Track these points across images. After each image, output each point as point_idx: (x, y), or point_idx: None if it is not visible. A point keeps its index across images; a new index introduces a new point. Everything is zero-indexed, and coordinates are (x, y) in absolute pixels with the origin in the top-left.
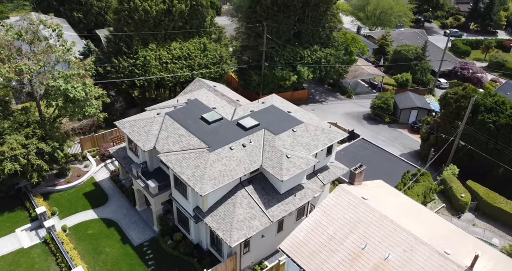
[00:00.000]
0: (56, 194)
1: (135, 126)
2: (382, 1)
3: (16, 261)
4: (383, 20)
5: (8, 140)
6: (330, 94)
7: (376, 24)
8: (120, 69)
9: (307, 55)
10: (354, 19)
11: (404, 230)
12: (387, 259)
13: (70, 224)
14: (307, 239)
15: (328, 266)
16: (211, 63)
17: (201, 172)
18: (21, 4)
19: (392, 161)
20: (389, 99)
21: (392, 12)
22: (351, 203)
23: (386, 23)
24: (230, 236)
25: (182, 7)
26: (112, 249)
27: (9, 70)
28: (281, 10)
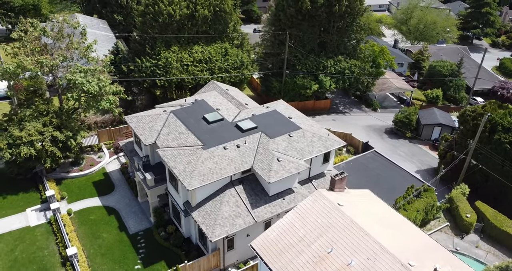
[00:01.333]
0: (68, 180)
1: (141, 121)
2: (425, 16)
3: (21, 237)
4: (426, 35)
5: (27, 126)
6: (355, 106)
7: (418, 38)
8: (142, 68)
9: (331, 65)
10: (396, 32)
11: (371, 238)
12: (349, 265)
13: (76, 209)
14: (278, 239)
15: (292, 266)
16: (231, 67)
17: (192, 167)
18: (69, 5)
19: (401, 175)
20: (411, 114)
21: (435, 27)
22: (326, 208)
23: (428, 38)
24: (213, 231)
25: (205, 12)
26: (109, 235)
27: (31, 62)
28: (306, 19)
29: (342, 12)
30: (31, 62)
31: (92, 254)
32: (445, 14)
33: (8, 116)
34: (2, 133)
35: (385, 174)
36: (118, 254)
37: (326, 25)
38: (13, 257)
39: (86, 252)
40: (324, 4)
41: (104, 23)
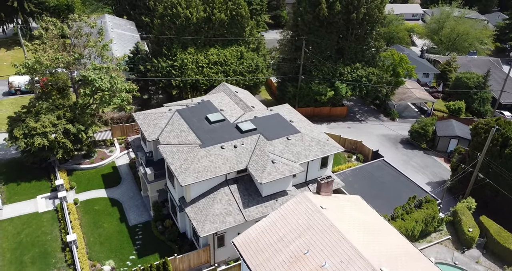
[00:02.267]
0: (79, 171)
1: (147, 118)
2: (458, 26)
3: (28, 222)
4: (458, 45)
5: (42, 118)
6: (373, 115)
7: (450, 49)
8: (158, 69)
9: (347, 72)
10: (428, 42)
11: (348, 242)
12: (323, 266)
13: (82, 199)
14: (259, 237)
15: (269, 264)
16: (246, 71)
17: (188, 164)
18: (101, 7)
19: (406, 186)
20: (428, 125)
21: (467, 38)
22: (308, 210)
23: (460, 48)
24: (202, 227)
25: (222, 16)
26: (109, 225)
27: (48, 58)
28: (324, 26)
29: (360, 20)
30: (47, 58)
31: (92, 242)
32: (482, 25)
33: (26, 108)
34: (19, 124)
35: (390, 183)
36: (116, 244)
37: (344, 32)
38: (18, 240)
39: (86, 240)
40: (341, 11)
41: (131, 24)
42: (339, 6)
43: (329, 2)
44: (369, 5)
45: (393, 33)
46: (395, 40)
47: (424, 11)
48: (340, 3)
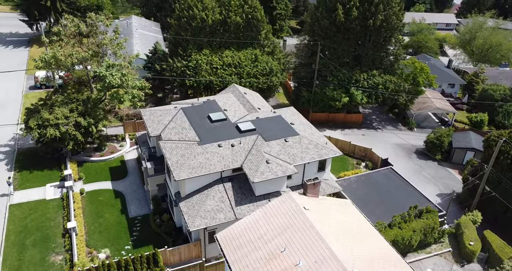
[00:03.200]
0: (89, 163)
1: (153, 115)
2: (491, 37)
3: (35, 208)
4: (490, 57)
5: (56, 111)
6: (390, 124)
7: (481, 60)
8: (173, 68)
9: (363, 79)
10: (459, 52)
11: (324, 243)
12: (297, 265)
13: (88, 189)
14: (241, 233)
15: (246, 260)
16: (260, 74)
17: (184, 160)
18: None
19: (411, 195)
20: (443, 136)
21: (500, 49)
22: (290, 209)
23: (492, 60)
24: (193, 222)
25: (237, 19)
26: (110, 215)
27: (63, 54)
28: (341, 31)
29: (378, 26)
30: (63, 54)
31: (92, 231)
32: None
33: (43, 101)
34: (35, 115)
35: (395, 192)
36: (114, 234)
37: (362, 38)
38: (24, 224)
39: (87, 228)
40: (358, 18)
41: (157, 25)
42: (356, 12)
43: (345, 8)
44: (387, 12)
45: (422, 42)
46: (423, 49)
47: (459, 21)
48: (357, 9)
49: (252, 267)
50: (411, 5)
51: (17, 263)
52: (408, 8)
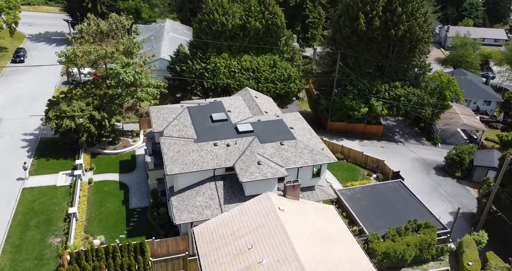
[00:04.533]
0: (102, 155)
1: (160, 112)
2: None
3: (44, 193)
4: None
5: (73, 103)
6: (414, 137)
7: None
8: (193, 70)
9: (385, 90)
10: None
11: (290, 244)
12: (260, 263)
13: (96, 179)
14: (216, 228)
15: (216, 254)
16: (278, 79)
17: (178, 156)
18: (167, 12)
19: (416, 209)
20: (464, 153)
21: None
22: (265, 209)
23: None
24: (180, 216)
25: (257, 24)
26: (112, 205)
27: (81, 50)
28: (364, 41)
29: (401, 37)
30: (81, 50)
31: (92, 218)
32: None
33: (64, 94)
34: (55, 106)
35: (400, 205)
36: (112, 222)
37: (385, 48)
38: (31, 206)
39: (88, 215)
40: (380, 27)
41: (189, 29)
42: (378, 21)
43: (368, 17)
44: (410, 23)
45: (462, 56)
46: (462, 64)
47: (510, 37)
48: (380, 19)
49: (219, 261)
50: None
51: (19, 241)
52: (456, 22)
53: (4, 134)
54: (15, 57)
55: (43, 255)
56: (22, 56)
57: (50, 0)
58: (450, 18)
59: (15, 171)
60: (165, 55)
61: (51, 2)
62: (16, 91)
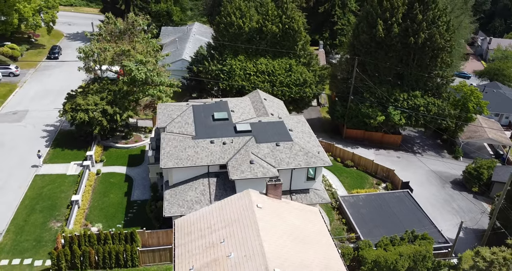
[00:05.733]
0: (113, 149)
1: (166, 109)
2: None
3: (53, 180)
4: None
5: (88, 97)
6: (434, 150)
7: None
8: (209, 71)
9: (403, 98)
10: None
11: (259, 240)
12: (228, 257)
13: (104, 171)
14: (196, 221)
15: (190, 245)
16: (293, 83)
17: (174, 151)
18: (198, 15)
19: (420, 221)
20: (483, 167)
21: None
22: (243, 205)
23: None
24: (170, 208)
25: (273, 28)
26: (114, 196)
27: (98, 47)
28: (383, 48)
29: (421, 45)
30: (98, 47)
31: (94, 207)
32: None
33: (82, 88)
34: (72, 100)
35: (402, 215)
36: (112, 212)
37: (405, 56)
38: (40, 192)
39: (91, 204)
40: (399, 34)
41: None
42: (398, 28)
43: (387, 23)
44: (431, 31)
45: (499, 69)
46: (499, 77)
47: None
48: (399, 26)
49: (191, 252)
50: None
51: (22, 223)
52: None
53: (28, 124)
54: (50, 54)
55: (42, 237)
56: (56, 53)
57: (91, 2)
58: (497, 30)
59: (31, 158)
60: (187, 56)
61: (92, 4)
62: (46, 85)
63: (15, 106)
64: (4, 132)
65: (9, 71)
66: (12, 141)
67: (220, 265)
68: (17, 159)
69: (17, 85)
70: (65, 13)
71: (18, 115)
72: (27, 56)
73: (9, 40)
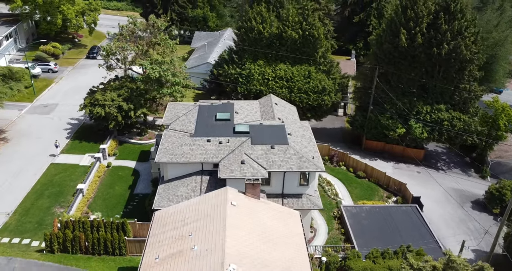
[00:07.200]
0: (127, 144)
1: (175, 108)
2: None
3: (66, 169)
4: None
5: (107, 93)
6: (460, 167)
7: None
8: (228, 74)
9: (426, 111)
10: None
11: (222, 235)
12: (192, 249)
13: (115, 164)
14: (174, 213)
15: (162, 236)
16: (311, 91)
17: (171, 147)
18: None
19: (422, 237)
20: (506, 188)
21: None
22: (218, 201)
23: None
24: (160, 202)
25: (293, 34)
26: (119, 188)
27: (117, 46)
28: (406, 58)
29: (446, 57)
30: (117, 46)
31: (98, 196)
32: None
33: (103, 85)
34: (91, 95)
35: (405, 229)
36: (113, 203)
37: (430, 68)
38: (51, 179)
39: (95, 194)
40: (423, 45)
41: None
42: (421, 38)
43: (410, 33)
44: (456, 42)
45: None
46: None
47: None
48: (423, 36)
49: (162, 243)
50: None
51: (30, 206)
52: None
53: (55, 117)
54: (90, 53)
55: (44, 220)
56: (95, 53)
57: (136, 7)
58: None
59: (51, 148)
60: (212, 60)
61: (137, 9)
62: (80, 82)
63: (47, 100)
64: (33, 123)
65: (48, 67)
66: (39, 131)
67: (182, 256)
68: (39, 148)
69: (53, 81)
70: (111, 17)
71: (48, 108)
72: (68, 55)
73: (54, 39)
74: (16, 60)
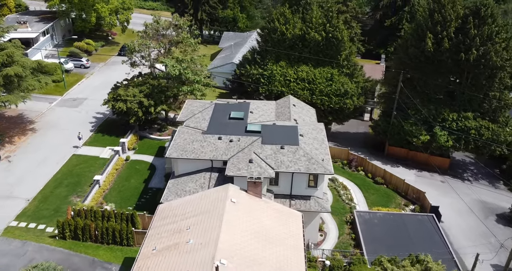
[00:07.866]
0: (147, 139)
1: (192, 105)
2: None
3: (86, 160)
4: None
5: (129, 89)
6: (488, 179)
7: None
8: (250, 75)
9: (452, 119)
10: None
11: (217, 231)
12: (188, 242)
13: (133, 158)
14: (177, 207)
15: (161, 229)
16: (333, 94)
17: (182, 143)
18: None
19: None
20: None
21: None
22: (218, 198)
23: None
24: (167, 196)
25: (316, 36)
26: (135, 181)
27: (140, 43)
28: (433, 63)
29: (474, 63)
30: (140, 43)
31: (114, 188)
32: None
33: (127, 81)
34: (115, 90)
35: (418, 238)
36: (127, 195)
37: (457, 74)
38: (71, 169)
39: (112, 185)
40: (450, 50)
41: None
42: (448, 43)
43: (437, 37)
44: (486, 47)
45: None
46: None
47: None
48: (450, 40)
49: (160, 235)
50: None
51: (48, 194)
52: None
53: (82, 110)
54: (121, 50)
55: (60, 208)
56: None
57: (170, 7)
58: None
59: (75, 140)
60: (237, 60)
61: (172, 9)
62: (109, 78)
63: (77, 94)
64: (61, 115)
65: (80, 63)
66: (66, 123)
67: (177, 249)
68: (64, 139)
69: (84, 76)
70: (145, 16)
71: (77, 102)
72: (101, 52)
73: (89, 36)
74: (52, 56)
